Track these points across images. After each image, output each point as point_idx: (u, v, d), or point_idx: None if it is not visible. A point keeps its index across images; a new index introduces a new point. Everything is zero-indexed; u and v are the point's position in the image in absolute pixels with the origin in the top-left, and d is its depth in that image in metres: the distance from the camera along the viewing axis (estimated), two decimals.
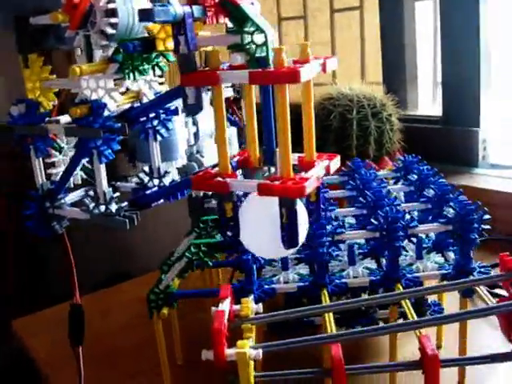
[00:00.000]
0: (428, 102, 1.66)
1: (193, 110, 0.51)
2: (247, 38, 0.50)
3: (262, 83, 0.50)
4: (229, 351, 0.53)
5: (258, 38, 0.50)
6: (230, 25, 0.54)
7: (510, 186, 1.17)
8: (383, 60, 1.50)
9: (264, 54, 0.50)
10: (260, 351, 0.54)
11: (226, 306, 0.57)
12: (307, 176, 0.50)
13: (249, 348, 0.53)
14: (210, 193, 0.82)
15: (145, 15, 0.47)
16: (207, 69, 0.51)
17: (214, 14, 0.52)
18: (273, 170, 0.55)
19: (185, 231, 0.87)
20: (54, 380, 0.85)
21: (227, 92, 0.82)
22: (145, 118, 0.61)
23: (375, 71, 1.76)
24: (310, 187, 0.49)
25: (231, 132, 0.82)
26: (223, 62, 0.53)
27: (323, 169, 0.54)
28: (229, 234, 0.55)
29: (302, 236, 0.53)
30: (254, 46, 0.50)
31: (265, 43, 0.50)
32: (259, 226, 0.54)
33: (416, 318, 0.63)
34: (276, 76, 0.47)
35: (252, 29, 0.50)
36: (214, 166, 0.55)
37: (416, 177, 0.88)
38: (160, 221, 1.10)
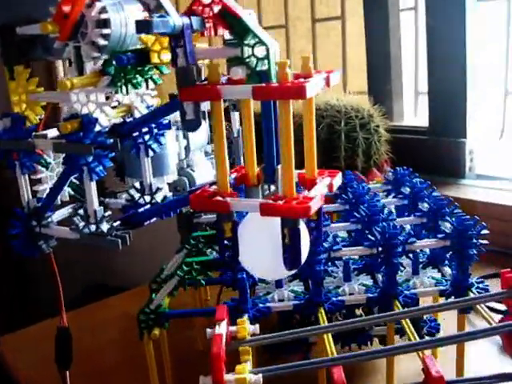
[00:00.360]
0: (410, 112, 1.66)
1: (191, 125, 0.48)
2: (248, 51, 0.48)
3: (265, 99, 0.48)
4: (228, 377, 0.51)
5: (260, 51, 0.48)
6: (227, 37, 0.53)
7: (498, 197, 1.17)
8: (368, 70, 1.50)
9: (265, 68, 0.48)
10: (260, 376, 0.52)
11: (223, 328, 0.55)
12: (311, 195, 0.48)
13: (248, 373, 0.51)
14: None
15: (143, 27, 0.44)
16: (206, 83, 0.49)
17: (213, 25, 0.50)
18: (273, 188, 0.53)
19: (172, 245, 0.85)
20: None
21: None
22: (137, 133, 0.59)
23: (357, 81, 1.75)
24: (315, 206, 0.47)
25: None
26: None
27: (326, 187, 0.52)
28: (227, 254, 0.53)
29: (304, 256, 0.51)
30: (255, 60, 0.48)
31: (267, 56, 0.48)
32: (259, 247, 0.52)
33: (417, 338, 0.62)
34: (281, 92, 0.45)
35: (253, 41, 0.48)
36: (211, 184, 0.53)
37: (409, 190, 0.87)
38: (147, 235, 1.07)
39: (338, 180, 0.54)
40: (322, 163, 0.58)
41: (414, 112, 1.67)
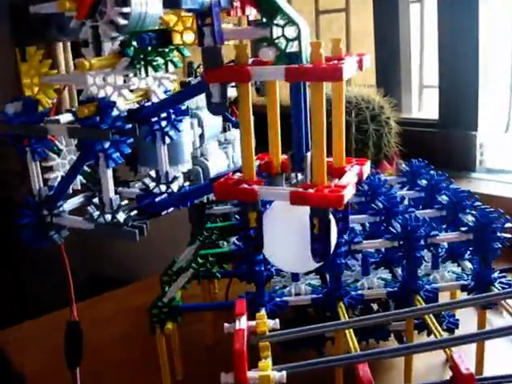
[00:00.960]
0: (414, 106, 1.63)
1: (217, 109, 0.46)
2: (277, 32, 0.46)
3: (299, 80, 0.46)
4: (251, 374, 0.49)
5: (290, 32, 0.46)
6: (252, 17, 0.50)
7: (510, 191, 1.15)
8: (377, 62, 1.47)
9: (296, 49, 0.46)
10: (284, 373, 0.49)
11: (243, 323, 0.53)
12: (343, 183, 0.46)
13: (272, 370, 0.49)
14: (213, 198, 0.77)
15: (171, 2, 0.42)
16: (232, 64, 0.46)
17: (240, 3, 0.47)
18: (300, 176, 0.51)
19: (181, 237, 0.82)
20: None
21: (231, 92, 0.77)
22: (155, 119, 0.56)
23: (361, 74, 1.73)
24: (347, 196, 0.44)
25: (235, 135, 0.77)
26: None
27: (356, 175, 0.49)
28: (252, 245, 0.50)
29: (332, 247, 0.49)
30: (284, 41, 0.46)
31: (297, 37, 0.45)
32: (285, 238, 0.49)
33: (443, 335, 0.60)
34: (316, 73, 0.42)
35: (283, 21, 0.45)
36: (234, 172, 0.50)
37: (425, 182, 0.85)
38: (156, 225, 1.05)
39: (367, 168, 0.52)
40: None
41: (419, 106, 1.65)
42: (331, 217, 0.49)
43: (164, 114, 0.57)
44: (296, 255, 0.49)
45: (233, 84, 0.78)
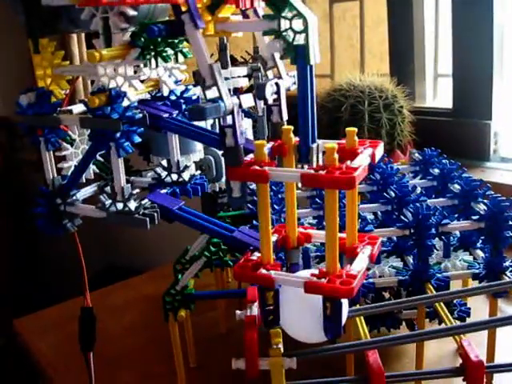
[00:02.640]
0: (429, 95, 1.62)
1: (237, 203, 0.47)
2: (285, 24, 0.46)
3: (314, 186, 0.49)
4: (262, 360, 0.49)
5: (297, 25, 0.46)
6: (260, 10, 0.51)
7: None
8: (391, 51, 1.46)
9: (303, 42, 0.46)
10: (294, 360, 0.50)
11: (255, 310, 0.54)
12: (354, 272, 0.47)
13: (282, 356, 0.50)
14: (224, 188, 0.77)
15: (197, 114, 0.44)
16: (252, 158, 0.47)
17: None
18: (306, 167, 0.51)
19: None
20: (59, 382, 0.81)
21: (241, 82, 0.78)
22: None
23: (374, 65, 1.72)
24: (358, 285, 0.46)
25: (246, 124, 0.77)
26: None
27: (367, 258, 0.50)
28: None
29: (344, 320, 0.51)
30: (292, 33, 0.46)
31: (305, 30, 0.45)
32: (300, 313, 0.51)
33: (453, 322, 0.60)
34: (330, 182, 0.43)
35: (291, 14, 0.46)
36: (253, 251, 0.51)
37: (438, 171, 0.85)
38: None
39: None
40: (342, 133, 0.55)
41: (433, 94, 1.64)
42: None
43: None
44: (310, 329, 0.51)
45: (244, 73, 0.79)
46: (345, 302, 0.50)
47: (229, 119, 0.47)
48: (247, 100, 0.51)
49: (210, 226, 0.60)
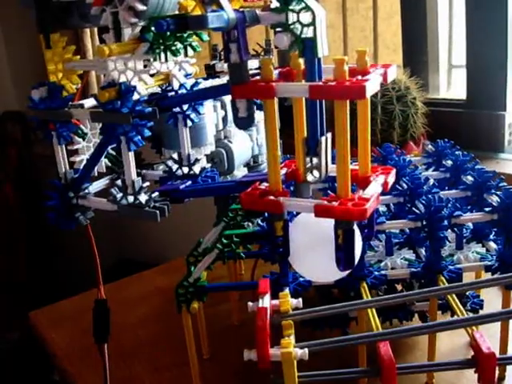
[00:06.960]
0: (443, 86, 1.61)
1: (244, 123, 0.47)
2: (293, 17, 0.46)
3: (323, 98, 0.46)
4: (273, 351, 0.50)
5: (305, 17, 0.46)
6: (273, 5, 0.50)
7: None
8: (404, 42, 1.45)
9: (311, 35, 0.46)
10: (306, 351, 0.50)
11: (266, 302, 0.54)
12: (367, 196, 0.46)
13: (294, 348, 0.50)
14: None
15: (197, 23, 0.44)
16: (258, 78, 0.46)
17: None
18: (315, 161, 0.51)
19: (205, 219, 0.83)
20: (74, 373, 0.81)
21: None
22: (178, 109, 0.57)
23: (387, 57, 1.71)
24: (371, 209, 0.44)
25: (259, 118, 0.77)
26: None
27: (380, 186, 0.49)
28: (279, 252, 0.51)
29: (357, 255, 0.50)
30: (299, 26, 0.46)
31: (312, 23, 0.45)
32: (311, 247, 0.50)
33: (465, 314, 0.60)
34: (340, 91, 0.42)
35: (298, 7, 0.46)
36: (261, 181, 0.51)
37: (451, 163, 0.84)
38: (182, 208, 1.07)
39: (392, 178, 0.51)
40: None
41: (447, 85, 1.62)
42: (355, 227, 0.49)
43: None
44: (321, 264, 0.50)
45: (256, 66, 0.79)
46: (357, 234, 0.48)
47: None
48: None
49: (215, 185, 0.61)
